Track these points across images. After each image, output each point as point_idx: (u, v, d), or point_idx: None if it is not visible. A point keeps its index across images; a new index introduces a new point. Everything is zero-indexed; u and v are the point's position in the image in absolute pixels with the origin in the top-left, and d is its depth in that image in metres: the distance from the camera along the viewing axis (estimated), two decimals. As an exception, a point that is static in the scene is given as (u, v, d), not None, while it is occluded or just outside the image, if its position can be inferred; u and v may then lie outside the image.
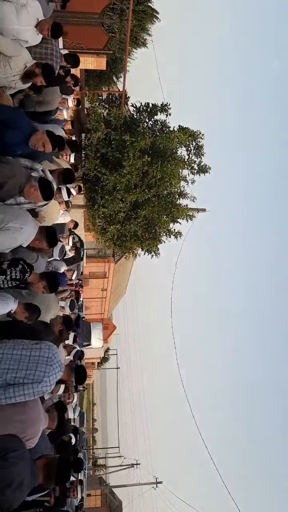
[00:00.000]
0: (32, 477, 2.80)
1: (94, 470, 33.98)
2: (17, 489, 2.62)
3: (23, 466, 2.74)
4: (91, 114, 12.16)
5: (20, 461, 2.72)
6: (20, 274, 3.51)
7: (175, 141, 12.11)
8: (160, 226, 12.42)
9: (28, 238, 3.64)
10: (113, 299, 26.39)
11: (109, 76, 17.28)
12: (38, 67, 4.04)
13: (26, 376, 3.14)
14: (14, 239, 3.51)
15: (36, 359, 3.22)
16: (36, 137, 3.75)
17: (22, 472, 2.70)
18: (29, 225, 3.61)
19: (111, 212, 11.97)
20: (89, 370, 38.00)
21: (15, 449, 2.75)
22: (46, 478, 2.93)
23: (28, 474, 2.76)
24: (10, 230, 3.43)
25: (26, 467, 2.77)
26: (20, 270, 3.50)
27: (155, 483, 29.52)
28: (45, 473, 2.93)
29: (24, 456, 2.80)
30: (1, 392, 3.05)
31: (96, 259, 20.79)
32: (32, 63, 4.05)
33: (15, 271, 3.48)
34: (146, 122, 12.61)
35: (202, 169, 12.69)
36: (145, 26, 13.06)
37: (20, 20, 4.12)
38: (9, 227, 3.42)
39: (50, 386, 3.25)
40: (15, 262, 3.53)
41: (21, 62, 3.97)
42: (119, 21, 11.49)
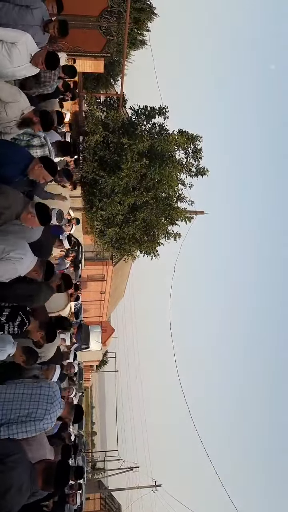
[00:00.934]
0: (31, 481, 2.79)
1: (93, 473, 33.84)
2: (16, 493, 2.61)
3: (22, 470, 2.73)
4: (89, 117, 12.17)
5: (19, 466, 2.71)
6: (18, 329, 3.53)
7: (173, 143, 12.12)
8: (159, 228, 12.42)
9: (27, 268, 3.63)
10: (111, 302, 26.39)
11: (107, 79, 17.30)
12: (36, 115, 3.95)
13: (28, 415, 3.28)
14: (14, 270, 3.50)
15: (37, 397, 3.37)
16: (33, 172, 3.71)
17: (21, 476, 2.69)
18: (28, 255, 3.60)
19: (109, 215, 11.96)
20: (88, 373, 37.94)
21: (14, 453, 2.75)
22: (45, 483, 2.92)
23: (27, 478, 2.74)
24: (11, 260, 3.42)
25: (25, 471, 2.76)
26: (19, 324, 3.50)
27: (154, 486, 29.43)
28: (44, 478, 2.91)
29: (23, 461, 2.79)
30: (4, 429, 3.19)
31: (94, 262, 20.78)
32: (30, 109, 3.95)
33: (13, 326, 3.49)
34: (144, 125, 12.61)
35: (200, 171, 12.68)
36: (143, 27, 13.07)
37: (13, 62, 3.96)
38: (10, 257, 3.41)
39: (51, 423, 3.41)
40: (14, 314, 3.51)
41: (18, 109, 3.87)
42: (116, 24, 11.50)
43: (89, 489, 24.64)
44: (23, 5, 4.24)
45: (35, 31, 4.34)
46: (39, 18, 4.37)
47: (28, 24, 4.27)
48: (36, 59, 4.12)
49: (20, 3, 4.23)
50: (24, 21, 4.25)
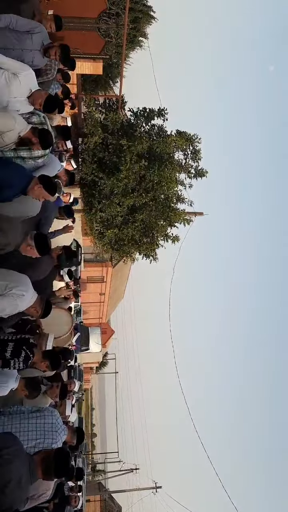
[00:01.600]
0: (30, 473, 2.75)
1: (93, 475, 33.80)
2: (16, 487, 2.57)
3: (20, 463, 2.69)
4: (88, 118, 12.18)
5: (16, 458, 2.67)
6: (23, 365, 3.57)
7: (172, 145, 12.13)
8: (158, 230, 12.42)
9: (28, 304, 3.65)
10: (111, 304, 26.38)
11: (106, 81, 17.31)
12: (35, 136, 3.87)
13: (37, 445, 3.49)
14: (15, 306, 3.53)
15: (42, 427, 3.58)
16: (33, 192, 3.70)
17: (19, 469, 2.66)
18: (30, 292, 3.63)
19: (108, 217, 11.96)
20: (88, 375, 37.91)
21: (9, 446, 2.70)
22: (45, 473, 2.87)
23: (25, 471, 2.71)
24: (13, 296, 3.45)
25: (24, 464, 2.73)
26: (24, 360, 3.54)
27: (154, 488, 29.38)
28: (43, 468, 2.86)
29: (19, 453, 2.75)
30: None
31: (94, 263, 20.79)
32: (27, 129, 3.86)
33: (18, 362, 3.53)
34: (143, 126, 12.62)
35: (199, 173, 12.70)
36: (142, 29, 13.09)
37: (11, 92, 3.88)
38: (12, 293, 3.44)
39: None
40: (18, 349, 3.54)
41: (15, 134, 3.80)
42: (115, 25, 11.52)
43: (89, 491, 24.59)
44: (23, 31, 4.26)
45: (34, 55, 4.35)
46: (39, 42, 4.38)
47: (27, 48, 4.28)
48: (35, 99, 4.03)
49: (20, 28, 4.24)
50: (23, 46, 4.26)
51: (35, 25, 4.34)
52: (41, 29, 4.37)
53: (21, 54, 4.22)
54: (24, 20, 4.30)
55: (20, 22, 4.25)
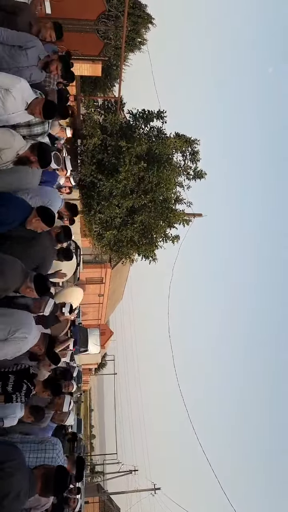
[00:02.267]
0: (29, 487, 2.78)
1: (92, 477, 33.77)
2: (14, 499, 2.60)
3: (21, 476, 2.72)
4: (87, 120, 12.19)
5: (17, 472, 2.70)
6: (25, 398, 3.61)
7: (171, 146, 12.16)
8: (157, 231, 12.43)
9: (31, 345, 3.66)
10: (110, 305, 26.36)
11: (105, 83, 17.34)
12: (34, 154, 3.81)
13: None
14: (18, 349, 3.54)
15: (42, 461, 3.70)
16: (31, 224, 3.71)
17: (20, 482, 2.69)
18: (33, 332, 3.62)
19: (107, 218, 11.97)
20: (86, 376, 37.86)
21: (12, 459, 2.74)
22: (44, 488, 2.91)
23: (25, 484, 2.74)
24: (16, 340, 3.45)
25: (24, 477, 2.75)
26: (25, 393, 3.56)
27: (153, 490, 29.35)
28: (43, 483, 2.90)
29: (21, 467, 2.79)
30: None
31: (92, 264, 20.78)
32: (26, 148, 3.80)
33: (20, 396, 3.55)
34: (142, 128, 12.65)
35: (198, 174, 12.74)
36: (140, 32, 13.12)
37: (7, 109, 3.72)
38: (15, 337, 3.43)
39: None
40: (19, 383, 3.56)
41: (13, 152, 3.76)
42: (114, 27, 11.55)
43: (88, 492, 24.58)
44: (15, 46, 3.96)
45: (32, 71, 4.11)
46: (35, 57, 4.09)
47: (23, 66, 4.01)
48: (33, 108, 3.89)
49: (12, 43, 3.95)
50: (18, 63, 3.98)
51: (28, 38, 4.06)
52: (35, 43, 4.10)
53: (17, 72, 3.96)
54: (14, 33, 4.00)
55: (10, 36, 3.96)
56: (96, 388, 79.27)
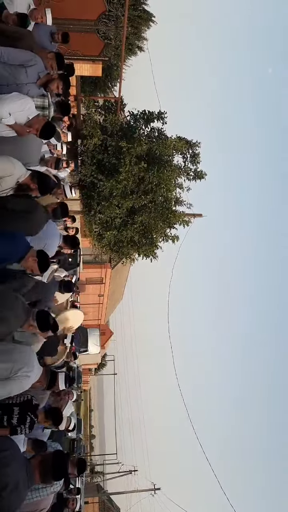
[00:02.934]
0: (27, 477, 2.75)
1: (92, 477, 33.74)
2: (14, 490, 2.57)
3: (16, 466, 2.68)
4: (87, 120, 12.19)
5: (12, 462, 2.66)
6: (29, 430, 3.63)
7: (171, 147, 12.14)
8: (157, 231, 12.43)
9: (33, 382, 3.65)
10: (110, 305, 26.35)
11: (105, 83, 17.36)
12: (34, 182, 3.83)
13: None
14: (21, 387, 3.53)
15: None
16: (26, 263, 3.71)
17: (16, 473, 2.65)
18: (35, 370, 3.62)
19: (107, 218, 11.97)
20: (86, 377, 37.85)
21: (5, 448, 2.69)
22: (43, 476, 2.86)
23: (23, 474, 2.70)
24: (19, 378, 3.45)
25: (20, 467, 2.72)
26: (29, 425, 3.57)
27: (153, 490, 29.34)
28: (41, 471, 2.85)
29: (15, 456, 2.74)
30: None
31: (92, 265, 20.77)
32: (26, 175, 3.81)
33: (25, 429, 3.57)
34: (142, 129, 12.64)
35: (198, 175, 12.73)
36: (141, 33, 13.12)
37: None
38: (18, 376, 3.43)
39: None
40: (23, 416, 3.53)
41: (13, 179, 3.76)
42: (114, 28, 11.55)
43: (87, 492, 24.58)
44: (17, 64, 4.01)
45: (30, 87, 4.14)
46: (34, 75, 4.13)
47: (21, 83, 4.05)
48: (34, 124, 3.93)
49: (13, 62, 3.99)
50: (17, 80, 4.03)
51: (30, 56, 4.09)
52: (36, 61, 4.13)
53: (15, 88, 3.99)
54: (16, 51, 4.03)
55: (12, 54, 3.99)
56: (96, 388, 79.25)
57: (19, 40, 4.26)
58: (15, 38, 4.26)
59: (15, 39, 4.26)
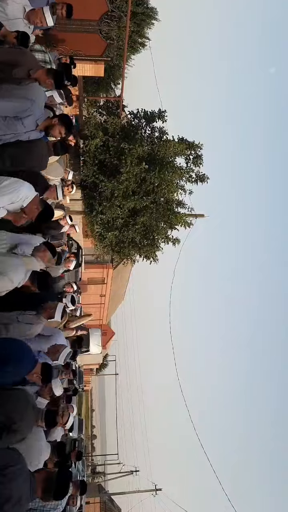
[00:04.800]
0: (31, 491, 2.78)
1: (93, 477, 33.75)
2: (16, 504, 2.60)
3: (22, 481, 2.72)
4: (89, 121, 12.19)
5: (19, 477, 2.70)
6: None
7: (172, 149, 12.07)
8: (158, 233, 12.40)
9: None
10: (111, 305, 26.35)
11: (107, 83, 17.36)
12: (34, 286, 3.87)
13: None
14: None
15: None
16: (32, 377, 3.71)
17: (20, 487, 2.68)
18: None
19: (109, 219, 11.96)
20: (88, 377, 37.88)
21: (13, 464, 2.73)
22: (45, 492, 2.90)
23: (27, 488, 2.74)
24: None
25: (25, 482, 2.75)
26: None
27: (154, 490, 29.32)
28: (44, 487, 2.89)
29: (22, 472, 2.77)
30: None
31: (94, 265, 20.77)
32: (26, 279, 3.81)
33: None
34: (144, 128, 12.62)
35: (200, 178, 12.63)
36: (143, 32, 13.13)
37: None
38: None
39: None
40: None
41: (14, 286, 3.77)
42: (117, 28, 11.54)
43: (89, 493, 24.53)
44: (11, 116, 3.81)
45: (29, 134, 4.01)
46: (32, 124, 3.96)
47: (19, 132, 3.90)
48: (28, 213, 3.87)
49: (5, 114, 3.76)
50: (15, 131, 3.86)
51: (24, 107, 3.82)
52: (32, 110, 3.88)
53: (13, 137, 3.89)
54: (9, 105, 3.77)
55: (4, 108, 3.76)
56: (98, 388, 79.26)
57: (14, 66, 4.03)
58: (12, 65, 4.03)
59: (13, 64, 4.04)
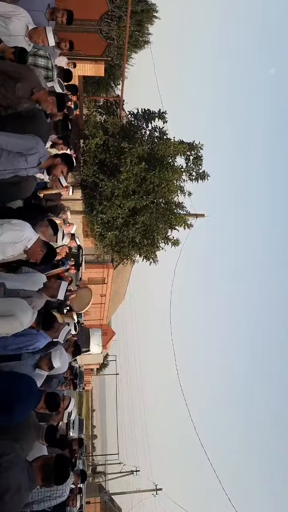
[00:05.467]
0: (29, 480, 2.73)
1: (93, 477, 33.75)
2: (15, 494, 2.56)
3: (18, 470, 2.67)
4: (89, 120, 12.20)
5: (15, 466, 2.65)
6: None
7: (171, 148, 12.05)
8: (158, 232, 12.39)
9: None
10: (112, 305, 26.33)
11: (108, 82, 17.36)
12: (38, 326, 3.91)
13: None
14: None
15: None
16: (39, 409, 3.75)
17: (18, 476, 2.64)
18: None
19: (109, 218, 11.96)
20: (88, 376, 37.89)
21: (8, 452, 2.67)
22: (45, 479, 2.84)
23: (25, 478, 2.69)
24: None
25: (22, 471, 2.70)
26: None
27: (155, 490, 29.31)
28: (43, 475, 2.83)
29: (18, 460, 2.73)
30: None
31: (94, 264, 20.77)
32: (33, 320, 3.78)
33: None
34: (144, 128, 12.62)
35: (200, 175, 12.61)
36: (144, 30, 13.12)
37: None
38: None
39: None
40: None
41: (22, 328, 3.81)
42: (117, 27, 11.56)
43: (89, 492, 24.54)
44: (15, 152, 3.77)
45: (29, 171, 3.96)
46: (35, 161, 3.93)
47: (19, 168, 3.86)
48: (32, 255, 3.89)
49: (11, 149, 3.72)
50: (16, 167, 3.81)
51: (30, 145, 3.82)
52: (38, 148, 3.88)
53: (12, 173, 3.85)
54: (16, 141, 3.74)
55: (11, 144, 3.72)
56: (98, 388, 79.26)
57: (18, 80, 3.99)
58: (14, 78, 3.99)
59: (17, 78, 4.01)
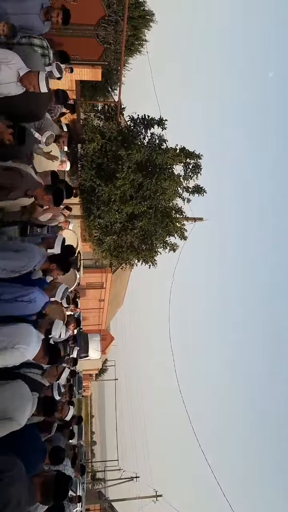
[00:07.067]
0: (29, 496, 2.78)
1: (93, 483, 33.56)
2: (15, 509, 2.60)
3: (20, 485, 2.72)
4: (87, 125, 12.18)
5: (17, 481, 2.70)
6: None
7: (169, 155, 12.03)
8: (157, 238, 12.37)
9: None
10: (110, 310, 26.28)
11: (105, 87, 17.36)
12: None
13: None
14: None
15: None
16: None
17: (19, 492, 2.68)
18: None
19: (107, 223, 11.93)
20: (87, 382, 37.73)
21: (10, 468, 2.73)
22: (44, 496, 2.91)
23: (25, 493, 2.74)
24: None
25: (23, 486, 2.75)
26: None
27: (155, 497, 29.17)
28: (43, 491, 2.90)
29: (20, 476, 2.78)
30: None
31: (93, 269, 20.74)
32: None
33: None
34: (142, 133, 12.59)
35: (197, 189, 12.59)
36: (140, 35, 13.15)
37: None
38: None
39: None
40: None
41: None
42: (114, 32, 11.56)
43: (89, 500, 24.37)
44: (8, 270, 3.90)
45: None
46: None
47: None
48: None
49: (4, 268, 3.85)
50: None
51: (22, 263, 3.91)
52: (30, 266, 3.97)
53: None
54: (6, 262, 3.83)
55: (9, 265, 3.85)
56: (97, 394, 78.98)
57: (10, 189, 3.90)
58: (7, 188, 3.89)
59: (7, 189, 3.90)
